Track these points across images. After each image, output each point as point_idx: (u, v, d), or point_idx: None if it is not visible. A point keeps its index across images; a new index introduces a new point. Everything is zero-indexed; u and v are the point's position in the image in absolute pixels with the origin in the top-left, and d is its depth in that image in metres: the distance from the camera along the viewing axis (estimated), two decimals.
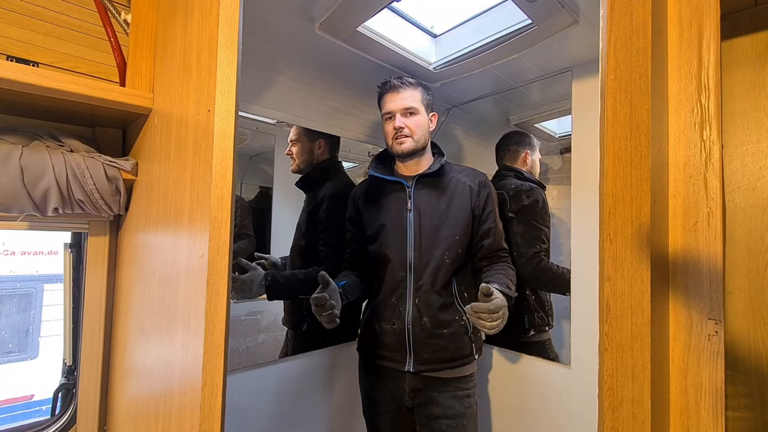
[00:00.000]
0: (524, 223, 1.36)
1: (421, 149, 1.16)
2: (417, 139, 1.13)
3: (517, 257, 1.33)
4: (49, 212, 0.80)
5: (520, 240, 1.35)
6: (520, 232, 1.35)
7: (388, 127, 1.16)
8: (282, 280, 1.22)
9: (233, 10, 0.54)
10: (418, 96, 1.15)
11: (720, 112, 0.56)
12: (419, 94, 1.15)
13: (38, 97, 0.75)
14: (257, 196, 1.82)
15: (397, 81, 1.15)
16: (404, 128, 1.12)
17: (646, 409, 0.48)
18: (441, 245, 1.10)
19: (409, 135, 1.13)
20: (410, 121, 1.13)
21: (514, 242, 1.35)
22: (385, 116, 1.17)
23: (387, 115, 1.16)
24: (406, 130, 1.12)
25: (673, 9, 0.60)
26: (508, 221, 1.35)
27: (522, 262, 1.33)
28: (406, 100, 1.13)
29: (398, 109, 1.13)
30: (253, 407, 1.21)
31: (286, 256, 1.47)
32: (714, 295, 0.55)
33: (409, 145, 1.13)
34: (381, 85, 1.19)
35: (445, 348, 1.08)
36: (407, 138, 1.13)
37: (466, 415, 1.09)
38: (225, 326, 0.51)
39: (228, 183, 0.53)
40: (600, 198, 0.52)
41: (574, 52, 1.21)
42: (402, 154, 1.14)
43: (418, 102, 1.14)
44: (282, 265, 1.45)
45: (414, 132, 1.13)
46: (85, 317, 0.99)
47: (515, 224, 1.36)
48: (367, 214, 1.21)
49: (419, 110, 1.14)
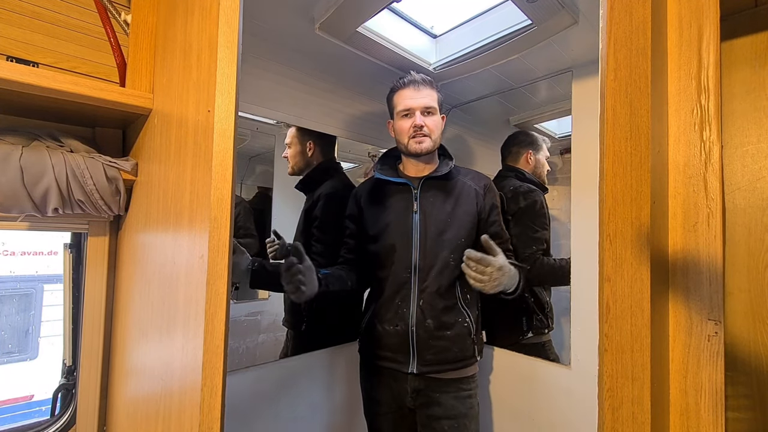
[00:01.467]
0: (520, 225, 1.36)
1: (434, 150, 1.16)
2: (435, 140, 1.12)
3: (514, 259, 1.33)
4: (48, 212, 0.80)
5: (516, 242, 1.34)
6: (516, 235, 1.34)
7: (405, 124, 1.12)
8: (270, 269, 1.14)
9: (233, 11, 0.54)
10: (436, 96, 1.14)
11: (720, 112, 0.56)
12: (436, 94, 1.14)
13: (38, 98, 0.75)
14: (256, 196, 1.82)
15: (419, 77, 1.12)
16: (425, 127, 1.10)
17: (646, 409, 0.48)
18: (446, 247, 1.10)
19: (428, 134, 1.11)
20: (429, 121, 1.11)
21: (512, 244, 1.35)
22: (402, 113, 1.12)
23: (405, 111, 1.12)
24: (425, 129, 1.10)
25: (672, 9, 0.60)
26: (504, 223, 1.35)
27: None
28: (426, 99, 1.11)
29: (419, 106, 1.10)
30: (252, 407, 1.21)
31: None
32: (714, 295, 0.55)
33: (428, 145, 1.11)
34: (399, 79, 1.15)
35: (448, 349, 1.08)
36: (426, 138, 1.11)
37: (468, 416, 1.09)
38: (225, 326, 0.51)
39: (228, 183, 0.53)
40: (600, 198, 0.52)
41: (574, 53, 1.21)
42: (420, 153, 1.12)
43: (435, 102, 1.13)
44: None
45: (433, 132, 1.11)
46: (85, 317, 0.99)
47: (511, 226, 1.36)
48: (370, 214, 1.21)
49: (436, 110, 1.13)
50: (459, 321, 1.10)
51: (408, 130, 1.11)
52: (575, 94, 1.27)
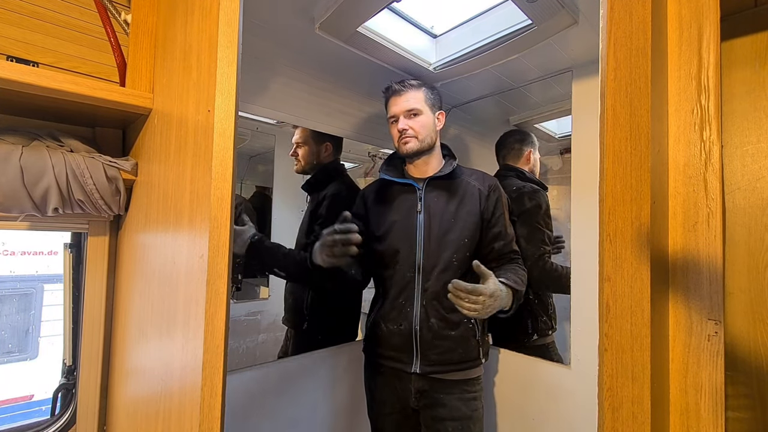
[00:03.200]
0: (528, 226, 1.36)
1: (428, 149, 1.18)
2: (422, 139, 1.15)
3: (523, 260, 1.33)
4: (49, 212, 0.80)
5: (524, 243, 1.34)
6: (524, 236, 1.35)
7: (393, 130, 1.19)
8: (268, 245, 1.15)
9: (233, 11, 0.54)
10: (421, 96, 1.17)
11: (720, 112, 0.56)
12: (422, 95, 1.17)
13: (38, 97, 0.75)
14: (256, 196, 1.83)
15: (398, 85, 1.18)
16: (408, 129, 1.15)
17: (646, 409, 0.48)
18: (449, 248, 1.10)
19: (413, 135, 1.15)
20: (414, 122, 1.15)
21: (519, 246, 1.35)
22: (391, 120, 1.20)
23: (392, 118, 1.19)
24: (410, 131, 1.15)
25: (672, 9, 0.60)
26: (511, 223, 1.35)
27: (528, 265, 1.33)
28: (408, 102, 1.15)
29: (401, 111, 1.16)
30: (253, 407, 1.21)
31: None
32: (714, 295, 0.55)
33: (414, 145, 1.15)
34: (384, 90, 1.22)
35: (453, 350, 1.08)
36: (411, 138, 1.15)
37: (472, 418, 1.09)
38: (225, 326, 0.51)
39: (228, 183, 0.53)
40: (600, 198, 0.52)
41: (574, 53, 1.21)
42: (408, 154, 1.17)
43: (421, 102, 1.16)
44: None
45: (418, 132, 1.15)
46: (85, 317, 0.99)
47: (519, 227, 1.36)
48: (376, 213, 1.22)
49: (422, 110, 1.16)
50: (464, 322, 1.10)
51: (395, 134, 1.18)
52: (575, 94, 1.26)
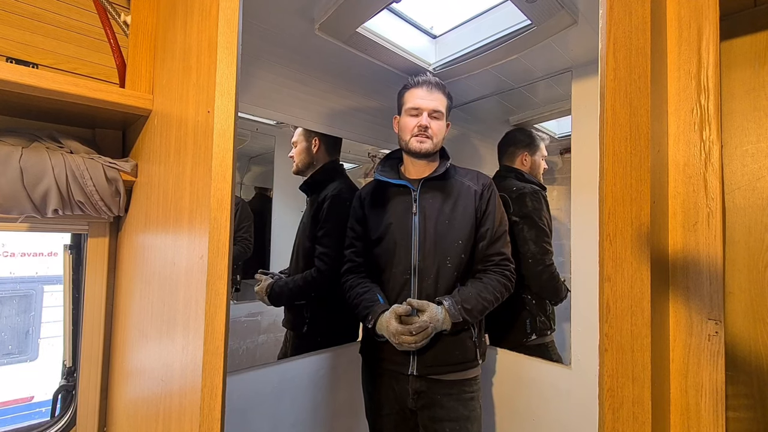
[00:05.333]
0: (534, 228, 1.36)
1: (435, 153, 1.17)
2: (436, 143, 1.14)
3: (532, 264, 1.33)
4: (48, 213, 0.80)
5: (533, 247, 1.34)
6: (533, 239, 1.34)
7: (411, 122, 1.14)
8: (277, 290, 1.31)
9: (233, 12, 0.54)
10: (445, 102, 1.16)
11: (719, 112, 0.56)
12: (446, 100, 1.16)
13: (38, 99, 0.75)
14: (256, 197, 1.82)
15: (434, 80, 1.14)
16: (429, 129, 1.12)
17: (647, 409, 0.48)
18: (444, 249, 1.10)
19: (431, 137, 1.13)
20: (435, 124, 1.13)
21: (527, 249, 1.35)
22: (410, 110, 1.14)
23: (414, 110, 1.14)
24: (430, 131, 1.12)
25: (672, 9, 0.60)
26: (512, 225, 1.34)
27: (538, 269, 1.33)
28: (436, 102, 1.13)
29: (428, 108, 1.12)
30: (252, 408, 1.21)
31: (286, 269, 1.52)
32: (714, 295, 0.55)
33: (429, 146, 1.13)
34: (413, 77, 1.17)
35: (449, 351, 1.08)
36: (428, 139, 1.13)
37: (470, 419, 1.09)
38: (225, 327, 0.51)
39: (228, 184, 0.53)
40: (600, 198, 0.52)
41: (573, 53, 1.22)
42: (420, 153, 1.14)
43: (444, 107, 1.15)
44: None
45: (436, 134, 1.13)
46: (85, 319, 0.99)
47: (526, 230, 1.36)
48: (373, 216, 1.21)
49: (443, 116, 1.15)
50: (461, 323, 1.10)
51: (412, 128, 1.13)
52: (575, 94, 1.27)
